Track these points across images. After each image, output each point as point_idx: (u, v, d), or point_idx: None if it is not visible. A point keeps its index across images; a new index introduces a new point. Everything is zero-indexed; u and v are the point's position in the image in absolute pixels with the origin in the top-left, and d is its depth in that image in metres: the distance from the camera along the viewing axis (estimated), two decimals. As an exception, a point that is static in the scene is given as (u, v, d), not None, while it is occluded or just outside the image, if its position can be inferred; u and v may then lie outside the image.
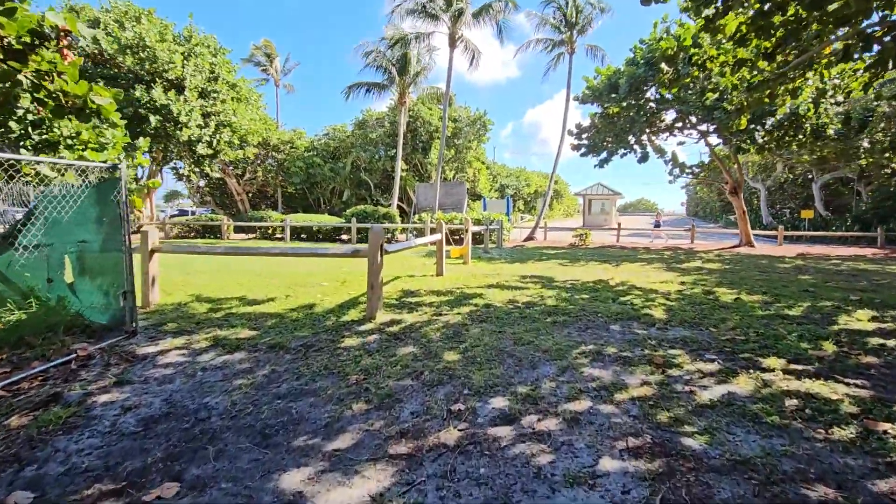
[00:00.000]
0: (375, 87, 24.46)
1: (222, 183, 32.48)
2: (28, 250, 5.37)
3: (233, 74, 19.48)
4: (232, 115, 18.07)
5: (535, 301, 5.83)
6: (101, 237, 4.73)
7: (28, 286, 5.62)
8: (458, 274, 8.22)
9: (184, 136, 16.02)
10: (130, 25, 15.85)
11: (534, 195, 52.18)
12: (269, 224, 19.10)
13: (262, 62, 37.65)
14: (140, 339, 4.39)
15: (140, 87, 15.32)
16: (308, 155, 30.83)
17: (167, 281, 7.14)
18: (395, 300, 5.88)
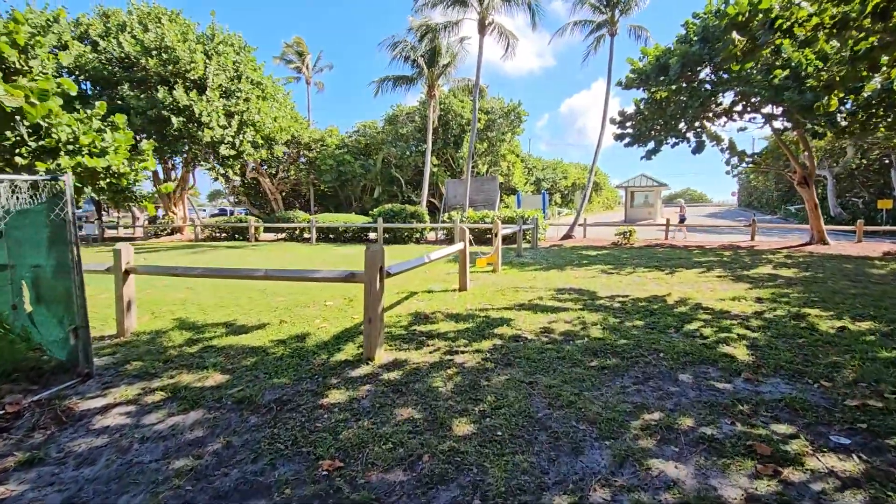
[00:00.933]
0: (404, 81, 23.58)
1: (256, 182, 32.66)
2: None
3: (258, 72, 19.09)
4: (255, 113, 17.65)
5: (576, 330, 4.71)
6: (53, 261, 4.00)
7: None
8: (485, 288, 7.18)
9: (206, 137, 15.69)
10: (153, 27, 15.62)
11: (571, 188, 50.09)
12: (295, 225, 18.64)
13: (293, 60, 37.57)
14: (91, 386, 3.63)
15: (163, 88, 15.06)
16: (339, 152, 30.43)
17: (165, 299, 6.50)
18: (403, 328, 4.92)
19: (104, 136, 7.74)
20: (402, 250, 13.51)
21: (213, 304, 6.09)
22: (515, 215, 16.01)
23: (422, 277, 8.26)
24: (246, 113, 17.33)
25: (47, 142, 7.28)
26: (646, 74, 12.69)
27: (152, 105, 15.11)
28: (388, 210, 17.69)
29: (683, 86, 12.48)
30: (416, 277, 8.20)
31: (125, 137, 8.24)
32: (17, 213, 4.41)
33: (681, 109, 12.64)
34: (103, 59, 15.74)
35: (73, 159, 7.25)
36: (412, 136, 30.44)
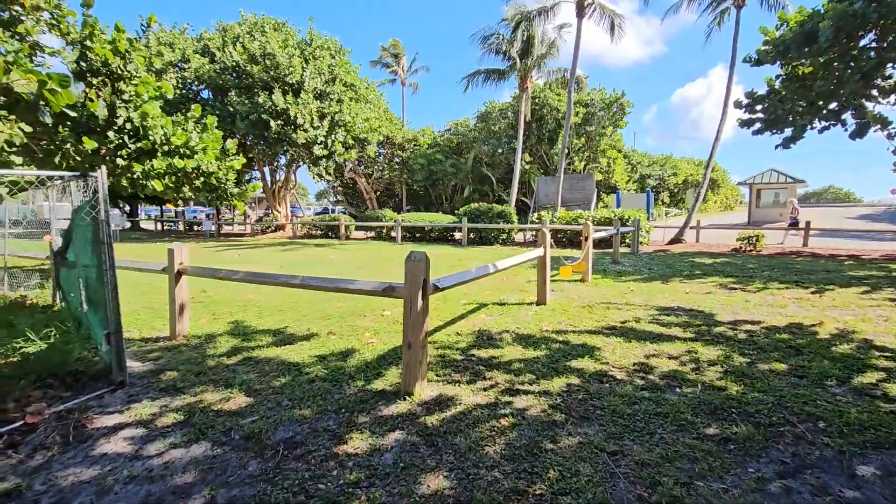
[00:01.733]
0: (495, 75, 22.73)
1: (353, 182, 34.10)
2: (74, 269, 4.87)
3: (352, 74, 19.56)
4: (347, 114, 18.05)
5: (685, 372, 3.54)
6: (97, 260, 3.85)
7: (76, 309, 5.17)
8: (568, 302, 6.11)
9: (300, 139, 16.34)
10: (258, 36, 16.64)
11: (682, 186, 45.23)
12: (383, 224, 18.79)
13: (389, 63, 38.66)
14: (117, 398, 3.38)
15: (264, 93, 15.98)
16: (430, 152, 30.50)
17: (232, 299, 6.44)
18: (459, 351, 4.13)
19: (194, 136, 8.00)
20: (483, 252, 12.71)
21: (272, 307, 5.84)
22: (613, 216, 14.36)
23: (496, 285, 7.40)
24: (338, 114, 17.81)
25: (143, 144, 7.64)
26: (784, 45, 10.42)
27: (254, 109, 16.09)
28: (474, 209, 17.00)
29: (837, 56, 10.01)
30: (491, 285, 7.36)
31: (213, 138, 8.50)
32: (74, 211, 4.44)
33: (833, 85, 10.17)
34: (217, 69, 17.18)
35: (165, 160, 7.55)
36: (504, 133, 29.46)
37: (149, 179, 7.52)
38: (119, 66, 7.31)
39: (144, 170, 7.40)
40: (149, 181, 7.52)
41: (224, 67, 17.38)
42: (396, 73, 39.25)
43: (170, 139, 7.66)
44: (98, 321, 3.98)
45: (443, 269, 9.03)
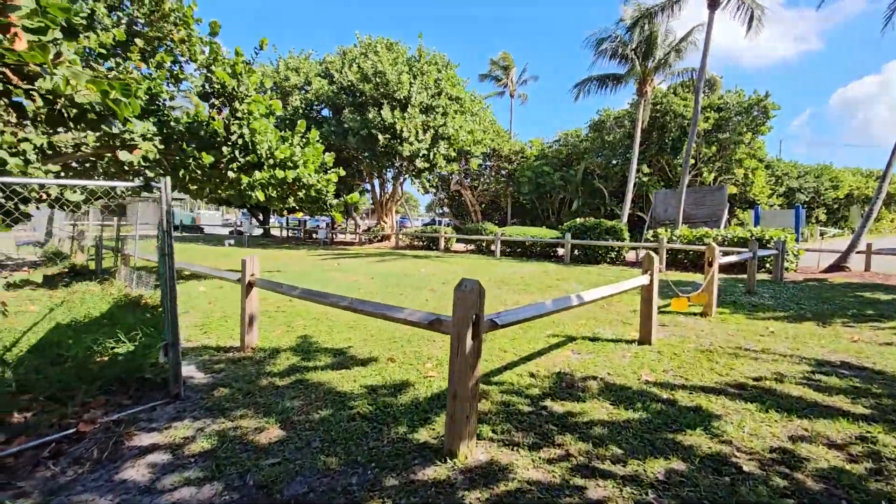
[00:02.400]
0: (610, 81, 21.14)
1: (459, 194, 34.42)
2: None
3: (458, 88, 19.63)
4: (451, 127, 18.08)
5: (855, 473, 2.40)
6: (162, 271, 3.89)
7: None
8: (681, 343, 4.95)
9: (405, 151, 16.70)
10: (371, 56, 17.50)
11: (844, 201, 37.80)
12: (482, 237, 18.36)
13: (499, 76, 38.57)
14: (165, 413, 3.30)
15: (373, 109, 16.68)
16: (537, 164, 29.50)
17: (309, 311, 6.41)
18: (529, 398, 3.40)
19: (297, 151, 8.33)
20: (586, 273, 11.52)
21: (344, 323, 5.64)
22: (750, 235, 12.14)
23: (591, 312, 6.41)
24: (442, 127, 17.92)
25: (251, 157, 8.10)
26: None
27: (365, 125, 16.88)
28: (579, 225, 15.73)
29: None
30: (584, 312, 6.39)
31: (314, 152, 8.80)
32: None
33: None
34: (335, 90, 18.45)
35: (268, 172, 7.94)
36: (619, 143, 27.32)
37: (253, 190, 7.96)
38: (233, 87, 7.88)
39: (250, 181, 7.83)
40: (253, 191, 7.96)
41: (341, 87, 18.61)
42: (505, 86, 39.01)
43: (274, 153, 8.05)
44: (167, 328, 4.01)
45: (535, 290, 8.22)
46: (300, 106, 19.43)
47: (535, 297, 7.55)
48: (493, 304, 6.85)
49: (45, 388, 3.54)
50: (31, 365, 3.85)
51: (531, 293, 7.99)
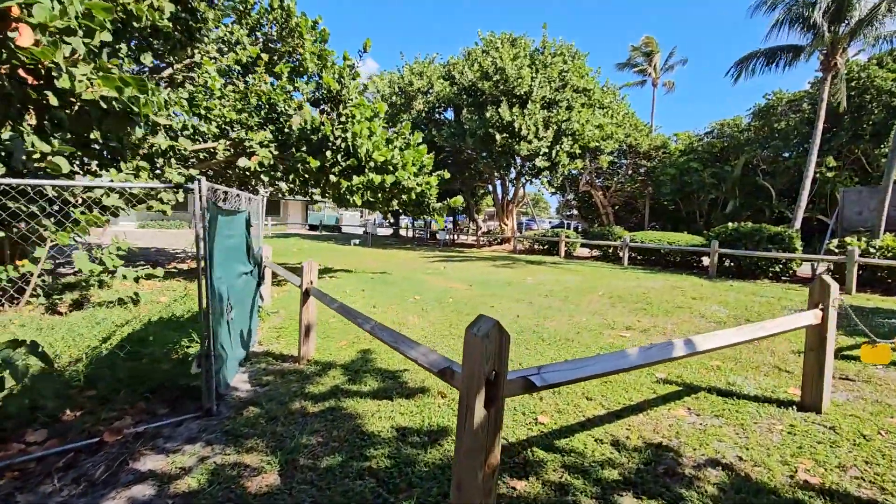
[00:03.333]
0: (783, 54, 17.31)
1: (588, 195, 32.01)
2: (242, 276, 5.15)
3: (587, 78, 17.96)
4: (575, 122, 16.53)
5: None
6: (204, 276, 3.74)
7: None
8: (875, 416, 3.29)
9: (523, 150, 15.72)
10: (492, 53, 16.91)
11: None
12: (608, 243, 16.46)
13: (640, 63, 34.75)
14: (186, 431, 3.08)
15: (492, 107, 16.06)
16: (682, 160, 25.82)
17: (385, 321, 6.01)
18: (601, 488, 2.37)
19: (395, 154, 8.12)
20: (736, 291, 9.34)
21: (416, 339, 5.08)
22: None
23: (731, 348, 4.84)
24: (565, 123, 16.50)
25: (351, 162, 8.09)
26: None
27: (483, 124, 16.36)
28: (731, 230, 12.99)
29: None
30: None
31: (414, 154, 8.50)
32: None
33: None
34: (456, 90, 18.32)
35: (366, 177, 7.84)
36: (794, 132, 22.42)
37: (351, 195, 7.92)
38: (337, 91, 7.96)
39: (349, 185, 7.80)
40: (351, 196, 7.93)
41: (462, 88, 18.41)
42: (647, 74, 35.03)
43: (372, 156, 7.92)
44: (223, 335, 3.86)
45: (657, 310, 6.72)
46: (423, 110, 19.80)
47: (654, 321, 6.11)
48: (586, 328, 5.68)
49: (106, 387, 3.65)
50: (105, 360, 4.05)
51: (652, 315, 6.52)
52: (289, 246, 18.67)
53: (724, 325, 6.14)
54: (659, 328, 5.73)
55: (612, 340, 5.04)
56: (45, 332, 4.94)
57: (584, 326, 5.71)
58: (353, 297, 7.39)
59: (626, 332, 5.52)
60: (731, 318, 6.47)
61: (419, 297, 7.44)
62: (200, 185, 3.20)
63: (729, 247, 12.81)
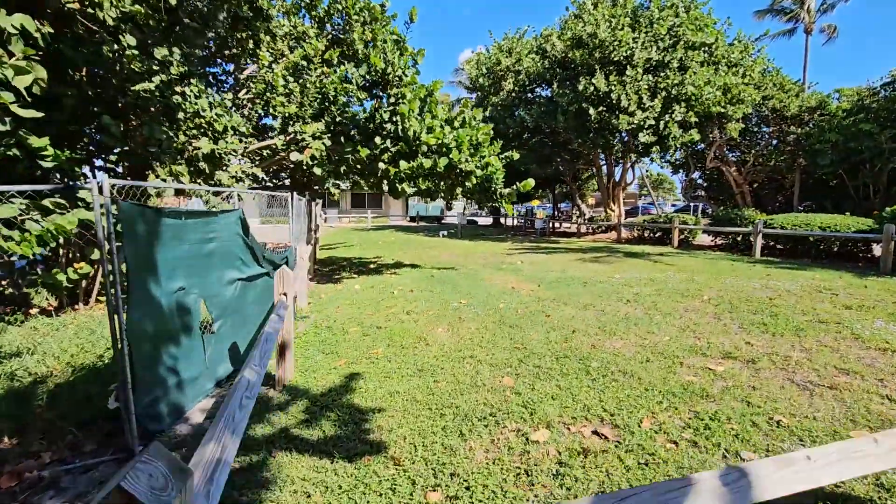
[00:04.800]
0: None
1: (718, 173, 27.44)
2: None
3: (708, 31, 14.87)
4: (689, 85, 13.71)
5: None
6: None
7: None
8: None
9: (622, 124, 13.50)
10: (585, 17, 14.83)
11: None
12: (735, 229, 13.50)
13: (787, 7, 28.29)
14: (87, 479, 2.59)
15: (585, 78, 14.07)
16: (847, 122, 20.51)
17: (407, 332, 5.16)
18: None
19: (446, 133, 7.20)
20: None
21: (413, 369, 4.14)
22: None
23: None
24: (677, 87, 13.80)
25: (400, 147, 7.39)
26: None
27: (575, 99, 14.47)
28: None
29: None
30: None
31: (470, 132, 7.47)
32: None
33: None
34: (547, 64, 16.56)
35: (416, 162, 7.06)
36: None
37: (401, 182, 7.20)
38: (382, 70, 7.27)
39: (396, 172, 7.09)
40: (400, 184, 7.21)
41: (554, 61, 16.58)
42: (798, 19, 28.43)
43: (420, 137, 7.08)
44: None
45: (783, 326, 4.84)
46: (513, 90, 18.35)
47: (774, 344, 4.32)
48: (664, 352, 4.15)
49: (52, 413, 3.37)
50: (67, 382, 3.81)
51: (773, 334, 4.70)
52: (377, 238, 18.85)
53: (895, 353, 4.13)
54: (778, 358, 3.99)
55: (691, 378, 3.54)
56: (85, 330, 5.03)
57: (662, 350, 4.21)
58: (394, 301, 6.68)
59: (722, 362, 3.91)
60: (907, 344, 4.36)
61: (466, 301, 6.45)
62: (101, 185, 2.64)
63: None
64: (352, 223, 33.33)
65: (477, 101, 21.09)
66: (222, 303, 4.04)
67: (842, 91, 23.14)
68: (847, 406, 3.04)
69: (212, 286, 3.91)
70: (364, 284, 8.17)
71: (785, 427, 2.73)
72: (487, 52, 19.62)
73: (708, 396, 3.17)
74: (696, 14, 14.83)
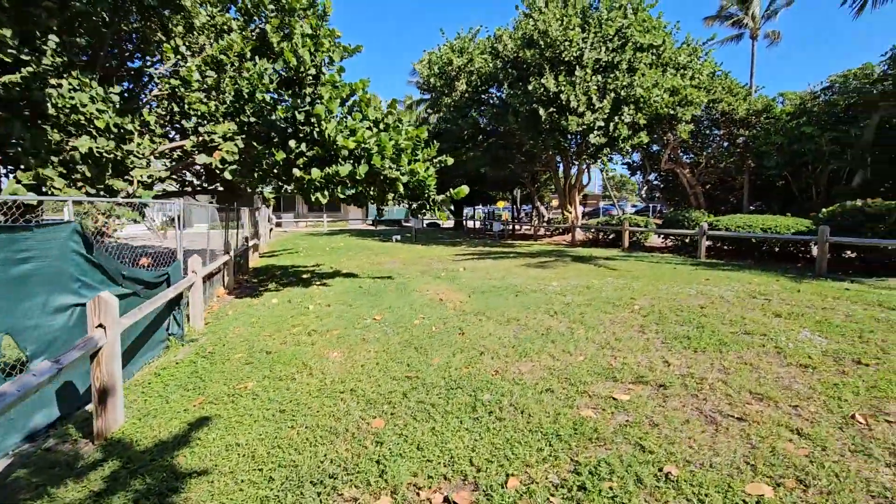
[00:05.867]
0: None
1: (673, 175, 27.90)
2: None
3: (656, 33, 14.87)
4: (638, 87, 13.63)
5: None
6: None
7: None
8: None
9: (571, 126, 13.27)
10: (536, 15, 14.57)
11: None
12: (681, 231, 13.49)
13: (733, 13, 29.11)
14: None
15: (534, 79, 13.79)
16: (791, 124, 21.12)
17: (290, 356, 4.58)
18: None
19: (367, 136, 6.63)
20: (859, 304, 6.64)
21: (284, 412, 3.56)
22: None
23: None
24: (626, 88, 13.69)
25: (316, 151, 6.77)
26: None
27: (526, 99, 14.17)
28: (850, 210, 9.66)
29: None
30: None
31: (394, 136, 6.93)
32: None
33: None
34: (499, 64, 16.23)
35: (332, 167, 6.46)
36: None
37: (316, 190, 6.58)
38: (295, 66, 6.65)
39: (310, 180, 6.47)
40: (315, 192, 6.59)
41: (506, 61, 16.27)
42: (743, 25, 29.29)
43: (336, 143, 6.48)
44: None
45: (707, 346, 4.51)
46: (466, 91, 17.95)
47: (694, 363, 3.96)
48: (570, 378, 3.73)
49: None
50: None
51: (695, 349, 4.36)
52: (326, 244, 18.06)
53: (815, 370, 3.83)
54: (692, 381, 3.61)
55: (589, 412, 3.10)
56: None
57: (570, 375, 3.78)
58: (303, 318, 6.06)
59: (631, 388, 3.50)
60: (828, 358, 4.09)
61: (381, 317, 5.90)
62: None
63: (849, 232, 9.55)
64: (309, 227, 32.22)
65: (431, 102, 20.60)
66: (46, 336, 3.35)
67: (786, 95, 23.88)
68: (752, 445, 2.65)
69: (27, 316, 3.22)
70: (284, 298, 7.50)
71: (673, 482, 2.30)
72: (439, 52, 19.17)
73: (598, 439, 2.72)
74: (644, 16, 14.80)
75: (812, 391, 3.41)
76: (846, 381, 3.55)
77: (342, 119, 7.25)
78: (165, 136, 8.93)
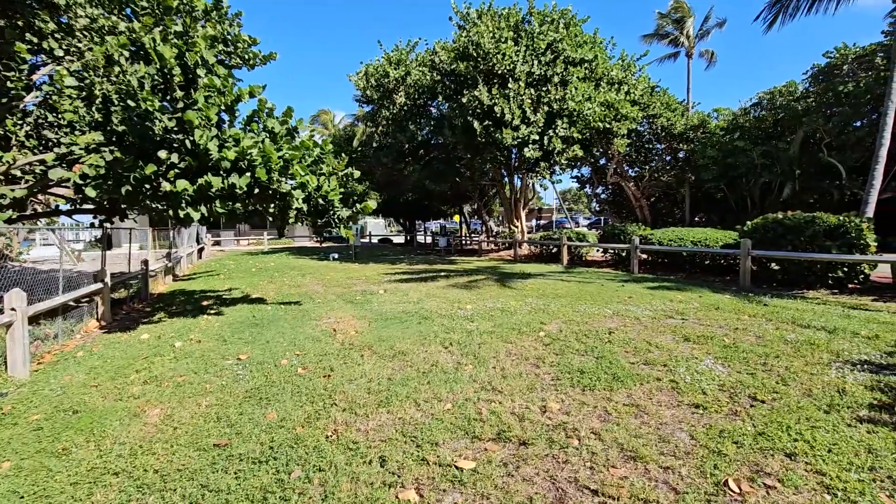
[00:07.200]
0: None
1: (619, 188, 28.36)
2: None
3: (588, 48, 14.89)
4: (571, 101, 13.51)
5: None
6: None
7: None
8: None
9: (506, 139, 12.95)
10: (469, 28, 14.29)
11: None
12: (617, 245, 13.34)
13: (670, 32, 30.30)
14: None
15: (468, 91, 13.43)
16: (725, 139, 21.84)
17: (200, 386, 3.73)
18: None
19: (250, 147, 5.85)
20: (776, 321, 6.38)
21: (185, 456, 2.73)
22: None
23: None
24: (559, 102, 13.54)
25: (188, 162, 5.91)
26: None
27: (461, 112, 13.78)
28: (772, 223, 9.67)
29: None
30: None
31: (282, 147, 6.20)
32: None
33: None
34: (436, 76, 15.85)
35: (195, 182, 5.64)
36: (866, 95, 18.03)
37: (186, 206, 5.73)
38: (159, 69, 5.84)
39: (177, 193, 5.61)
40: (185, 208, 5.73)
41: (442, 73, 15.90)
42: (679, 44, 30.51)
43: (209, 153, 5.68)
44: None
45: (599, 382, 3.98)
46: (404, 104, 17.46)
47: (578, 408, 3.41)
48: (405, 446, 3.09)
49: None
50: None
51: (584, 387, 3.84)
52: (254, 264, 16.93)
53: (706, 411, 3.35)
54: (562, 435, 3.04)
55: (410, 495, 2.45)
56: None
57: (420, 434, 3.13)
58: (154, 361, 5.17)
59: (486, 448, 2.89)
60: (724, 394, 3.64)
61: (248, 356, 5.10)
62: None
63: (771, 245, 9.53)
64: (251, 245, 30.61)
65: (369, 115, 20.01)
66: None
67: (720, 110, 24.79)
68: (595, 537, 2.07)
69: None
70: (157, 332, 6.55)
71: None
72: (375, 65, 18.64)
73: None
74: (576, 31, 14.82)
75: (694, 443, 2.90)
76: (734, 427, 3.07)
77: (226, 129, 6.47)
78: (33, 150, 7.86)
